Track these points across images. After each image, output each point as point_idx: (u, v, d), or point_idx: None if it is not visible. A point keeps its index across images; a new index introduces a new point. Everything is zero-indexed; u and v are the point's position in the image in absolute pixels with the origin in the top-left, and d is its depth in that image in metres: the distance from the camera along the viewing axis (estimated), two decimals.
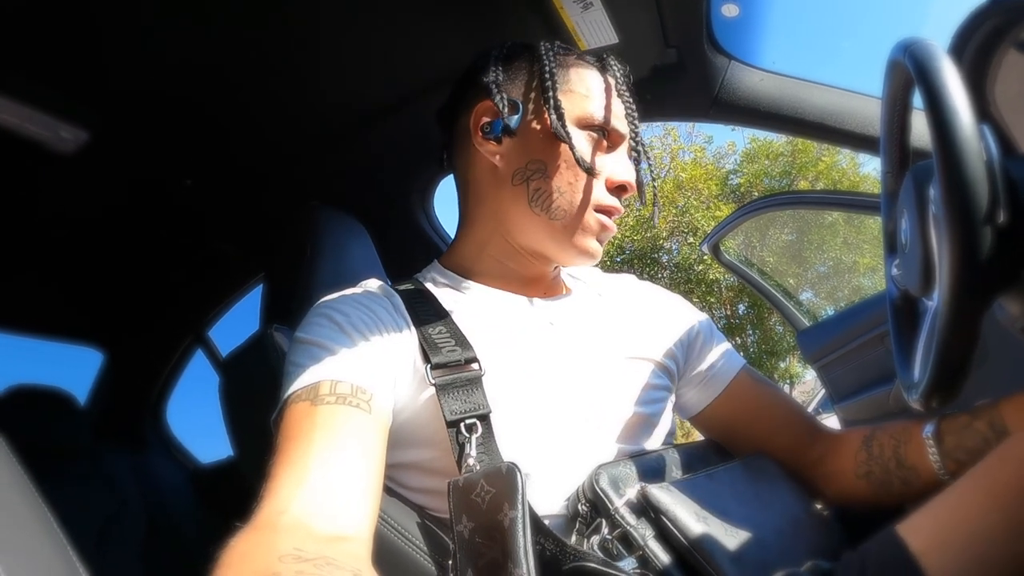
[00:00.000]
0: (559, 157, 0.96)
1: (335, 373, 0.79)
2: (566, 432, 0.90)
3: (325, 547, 0.61)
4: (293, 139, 1.59)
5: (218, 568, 0.57)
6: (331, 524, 0.65)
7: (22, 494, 0.57)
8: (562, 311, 1.04)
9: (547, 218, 0.97)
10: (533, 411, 0.89)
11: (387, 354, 0.86)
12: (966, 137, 0.57)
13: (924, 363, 0.73)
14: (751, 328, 15.57)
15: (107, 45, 1.20)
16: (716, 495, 0.86)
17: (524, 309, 1.01)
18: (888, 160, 0.87)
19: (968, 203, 0.56)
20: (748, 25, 1.41)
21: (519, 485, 0.72)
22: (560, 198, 0.96)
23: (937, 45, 0.65)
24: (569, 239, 0.98)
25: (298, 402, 0.77)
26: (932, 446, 0.90)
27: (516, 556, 0.68)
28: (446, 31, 1.33)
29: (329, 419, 0.74)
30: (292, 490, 0.67)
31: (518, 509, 0.71)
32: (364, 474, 0.72)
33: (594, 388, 0.95)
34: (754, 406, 1.09)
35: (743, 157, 15.66)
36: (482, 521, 0.72)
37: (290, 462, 0.70)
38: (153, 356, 2.47)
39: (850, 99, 1.39)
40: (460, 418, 0.81)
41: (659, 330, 1.09)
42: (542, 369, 0.93)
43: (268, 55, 1.31)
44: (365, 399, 0.78)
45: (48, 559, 0.53)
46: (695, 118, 1.54)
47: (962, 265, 0.58)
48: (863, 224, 13.65)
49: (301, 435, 0.73)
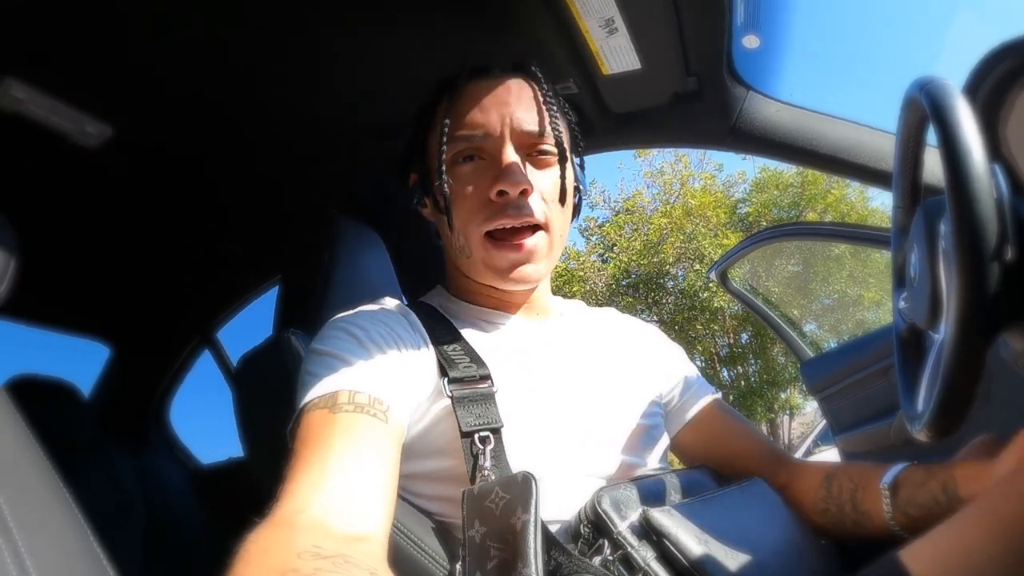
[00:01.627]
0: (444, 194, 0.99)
1: (354, 383, 0.81)
2: (573, 447, 0.93)
3: (343, 546, 0.62)
4: (314, 146, 1.61)
5: (237, 562, 0.58)
6: (349, 524, 0.67)
7: (45, 479, 0.59)
8: (558, 333, 1.09)
9: (466, 254, 1.01)
10: (542, 427, 0.92)
11: (405, 368, 0.88)
12: (978, 175, 0.59)
13: (928, 395, 0.74)
14: (753, 357, 15.54)
15: (137, 43, 1.22)
16: (716, 518, 0.87)
17: (525, 330, 1.05)
18: (900, 195, 0.89)
19: (978, 239, 0.58)
20: (768, 57, 1.44)
21: (534, 492, 0.74)
22: (461, 240, 1.00)
23: (953, 85, 0.67)
24: (488, 271, 1.00)
25: (316, 409, 0.78)
26: (887, 496, 0.92)
27: (526, 557, 0.70)
28: (472, 49, 1.36)
29: (348, 426, 0.76)
30: (311, 491, 0.68)
31: (531, 513, 0.73)
32: (380, 480, 0.73)
33: (596, 405, 0.99)
34: (721, 434, 1.15)
35: (753, 186, 15.70)
36: (495, 526, 0.74)
37: (308, 464, 0.72)
38: (160, 354, 2.48)
39: (863, 133, 1.41)
40: (475, 430, 0.84)
41: (644, 356, 1.15)
42: (549, 387, 0.97)
43: (294, 61, 1.34)
44: (382, 410, 0.79)
45: (69, 539, 0.54)
46: (712, 146, 1.56)
47: (970, 299, 0.60)
48: (869, 258, 13.64)
49: (320, 440, 0.74)
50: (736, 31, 1.30)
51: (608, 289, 15.13)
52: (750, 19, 1.29)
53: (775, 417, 15.87)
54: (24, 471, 0.57)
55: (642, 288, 14.91)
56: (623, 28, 1.24)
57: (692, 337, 14.84)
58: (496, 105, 0.98)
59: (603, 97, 1.49)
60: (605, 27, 1.24)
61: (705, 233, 14.20)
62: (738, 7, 1.25)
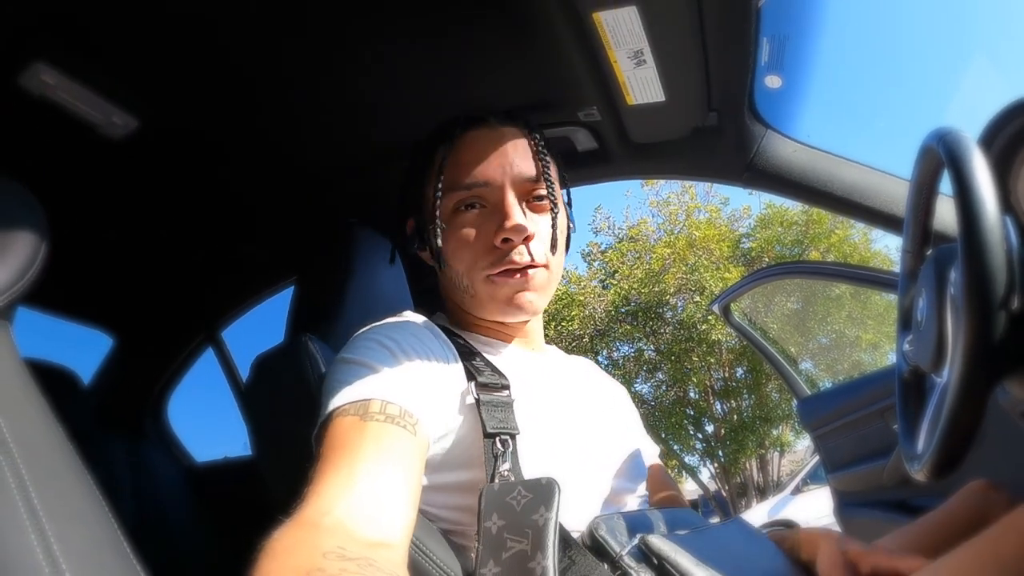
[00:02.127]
0: (444, 239, 1.04)
1: (386, 394, 0.82)
2: (577, 464, 0.96)
3: (367, 550, 0.63)
4: (336, 154, 1.63)
5: (262, 558, 0.59)
6: (373, 530, 0.68)
7: (74, 468, 0.59)
8: (552, 364, 1.17)
9: (470, 293, 1.05)
10: (552, 439, 0.96)
11: (435, 382, 0.90)
12: (991, 226, 0.61)
13: (929, 436, 0.76)
14: (747, 392, 15.47)
15: (172, 39, 1.24)
16: (709, 547, 0.88)
17: (524, 357, 1.11)
18: (910, 240, 0.91)
19: (988, 287, 0.60)
20: (788, 97, 1.47)
21: (556, 495, 0.78)
22: (464, 282, 1.04)
23: (969, 136, 0.70)
24: (492, 303, 1.04)
25: (346, 415, 0.80)
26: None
27: (545, 549, 0.74)
28: (497, 71, 1.38)
29: (378, 435, 0.77)
30: (337, 494, 0.70)
31: (553, 512, 0.77)
32: (405, 490, 0.75)
33: (595, 430, 1.06)
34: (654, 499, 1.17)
35: (757, 222, 15.69)
36: (514, 520, 0.78)
37: (336, 468, 0.73)
38: (163, 348, 2.47)
39: (877, 178, 1.44)
40: (497, 432, 0.88)
41: (619, 404, 1.24)
42: (556, 405, 1.03)
43: (325, 71, 1.36)
44: (411, 422, 0.81)
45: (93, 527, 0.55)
46: (728, 181, 1.58)
47: (977, 345, 0.62)
48: (869, 300, 13.65)
49: (349, 445, 0.76)
50: (759, 70, 1.33)
51: (607, 315, 15.10)
52: (774, 60, 1.32)
53: (765, 453, 15.79)
54: (54, 462, 0.58)
55: (641, 316, 14.86)
56: (651, 60, 1.27)
57: (688, 368, 14.78)
58: (496, 155, 1.03)
59: (625, 126, 1.51)
60: (634, 59, 1.27)
61: (707, 266, 14.18)
62: (763, 47, 1.28)
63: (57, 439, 0.59)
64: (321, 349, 1.05)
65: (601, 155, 1.61)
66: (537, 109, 1.48)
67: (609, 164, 1.63)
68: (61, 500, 0.53)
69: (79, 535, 0.52)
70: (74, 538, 0.51)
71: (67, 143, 1.45)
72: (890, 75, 30.77)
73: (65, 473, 0.57)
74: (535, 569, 0.73)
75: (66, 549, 0.49)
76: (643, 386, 15.96)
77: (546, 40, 1.28)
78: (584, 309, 15.07)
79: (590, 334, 15.13)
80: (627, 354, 15.80)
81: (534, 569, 0.73)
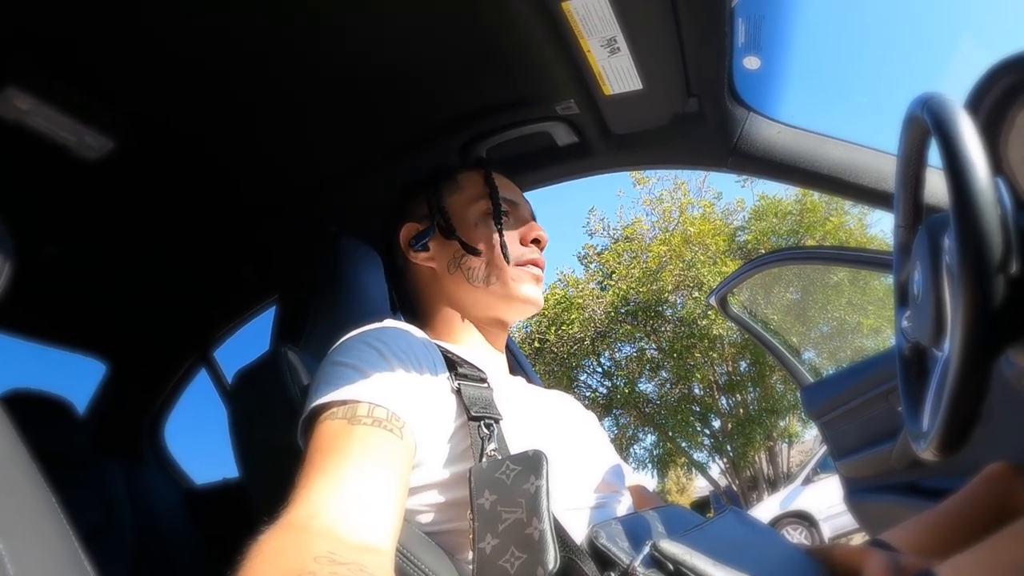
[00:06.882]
0: (474, 238, 1.16)
1: (374, 397, 0.83)
2: (561, 451, 0.95)
3: (357, 554, 0.63)
4: (317, 165, 1.62)
5: (250, 561, 0.59)
6: (361, 535, 0.68)
7: (34, 486, 0.57)
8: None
9: (485, 286, 1.15)
10: (537, 423, 1.02)
11: (423, 386, 0.91)
12: (982, 188, 0.59)
13: (933, 413, 0.73)
14: (752, 385, 15.47)
15: (143, 60, 1.23)
16: (717, 542, 0.87)
17: (499, 358, 1.19)
18: (901, 214, 0.89)
19: (983, 251, 0.57)
20: (768, 78, 1.45)
21: (544, 463, 0.80)
22: (489, 266, 1.15)
23: (955, 100, 0.67)
24: (509, 294, 1.15)
25: (334, 419, 0.81)
26: None
27: (540, 514, 0.76)
28: (474, 72, 1.37)
29: (365, 439, 0.78)
30: (325, 497, 0.70)
31: (543, 479, 0.79)
32: (392, 494, 0.76)
33: (580, 429, 1.14)
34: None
35: (751, 214, 15.69)
36: (505, 492, 0.80)
37: (324, 471, 0.74)
38: (156, 372, 2.46)
39: (864, 154, 1.42)
40: (481, 416, 0.90)
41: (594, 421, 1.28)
42: (538, 400, 1.12)
43: (299, 80, 1.35)
44: (399, 426, 0.82)
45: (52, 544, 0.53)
46: (713, 167, 1.56)
47: (975, 313, 0.59)
48: (868, 286, 13.65)
49: (336, 449, 0.76)
50: (737, 52, 1.30)
51: (607, 316, 15.10)
52: (751, 40, 1.30)
53: (773, 445, 15.80)
54: (12, 477, 0.56)
55: (641, 316, 14.86)
56: (625, 48, 1.25)
57: (691, 365, 14.79)
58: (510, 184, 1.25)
59: (604, 117, 1.49)
60: (607, 47, 1.24)
61: (704, 261, 14.18)
62: (739, 28, 1.26)
63: (16, 453, 0.57)
64: (303, 359, 1.05)
65: (582, 149, 1.59)
66: (513, 106, 1.47)
67: (591, 157, 1.61)
68: (18, 516, 0.51)
69: (36, 553, 0.50)
70: (30, 556, 0.49)
71: (42, 167, 1.44)
72: (871, 49, 30.85)
73: (23, 488, 0.55)
74: (533, 534, 0.75)
75: (22, 571, 0.46)
76: (647, 385, 16.01)
77: (516, 35, 1.26)
78: (583, 312, 15.08)
79: (591, 336, 15.14)
80: (629, 354, 15.83)
81: (532, 535, 0.75)
